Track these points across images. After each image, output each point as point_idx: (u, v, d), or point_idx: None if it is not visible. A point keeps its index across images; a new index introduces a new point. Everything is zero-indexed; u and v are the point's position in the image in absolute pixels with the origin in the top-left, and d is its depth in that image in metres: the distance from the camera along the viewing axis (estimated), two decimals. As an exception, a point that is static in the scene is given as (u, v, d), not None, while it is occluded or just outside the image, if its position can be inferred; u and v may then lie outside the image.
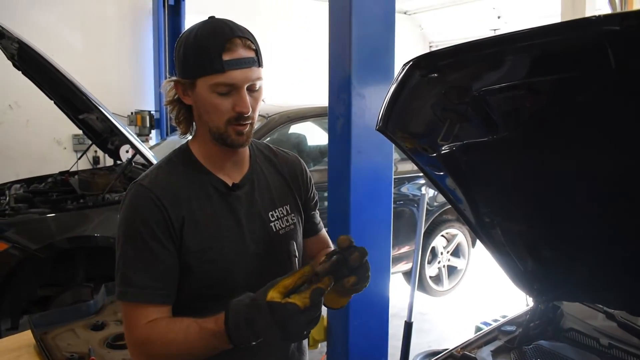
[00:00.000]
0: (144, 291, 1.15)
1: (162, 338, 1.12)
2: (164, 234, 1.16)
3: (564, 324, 1.68)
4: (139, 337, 1.14)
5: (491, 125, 1.18)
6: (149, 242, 1.16)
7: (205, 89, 1.16)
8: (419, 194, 4.40)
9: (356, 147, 2.45)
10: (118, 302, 1.20)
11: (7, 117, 5.95)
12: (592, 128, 1.12)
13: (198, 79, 1.16)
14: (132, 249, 1.17)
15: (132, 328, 1.15)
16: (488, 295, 4.68)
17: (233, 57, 1.14)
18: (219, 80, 1.14)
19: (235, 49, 1.14)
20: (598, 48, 0.89)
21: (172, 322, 1.15)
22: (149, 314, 1.14)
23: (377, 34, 2.46)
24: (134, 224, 1.18)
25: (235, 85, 1.15)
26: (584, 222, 1.38)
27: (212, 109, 1.18)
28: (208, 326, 1.07)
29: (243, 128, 1.20)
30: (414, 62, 1.12)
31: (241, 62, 1.14)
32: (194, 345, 1.10)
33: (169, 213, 1.17)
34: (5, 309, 3.08)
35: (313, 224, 1.48)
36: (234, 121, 1.18)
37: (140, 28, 6.80)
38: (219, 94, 1.16)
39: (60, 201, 3.59)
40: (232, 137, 1.20)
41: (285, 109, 4.20)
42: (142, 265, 1.16)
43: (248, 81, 1.16)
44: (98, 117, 3.92)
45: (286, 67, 7.07)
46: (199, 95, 1.18)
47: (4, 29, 3.22)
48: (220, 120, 1.18)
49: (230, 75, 1.14)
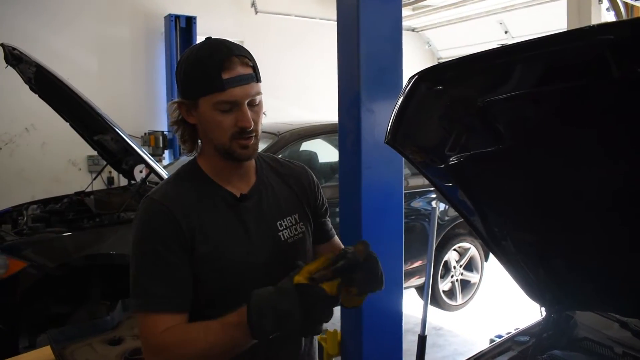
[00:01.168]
0: (160, 300, 1.17)
1: (180, 340, 1.13)
2: (177, 244, 1.20)
3: (577, 333, 1.67)
4: (156, 344, 1.16)
5: (497, 135, 1.20)
6: (163, 253, 1.19)
7: (207, 108, 1.21)
8: (430, 208, 4.40)
9: (366, 162, 2.47)
10: (135, 314, 1.22)
11: (24, 140, 6.05)
12: (599, 137, 1.13)
13: (200, 99, 1.21)
14: (146, 260, 1.20)
15: (150, 337, 1.17)
16: (502, 309, 4.65)
17: (232, 75, 1.19)
18: (220, 98, 1.19)
19: (233, 67, 1.19)
20: (599, 57, 0.91)
21: (189, 324, 1.17)
22: (165, 322, 1.16)
23: (384, 52, 2.50)
24: (147, 236, 1.21)
25: (236, 102, 1.20)
26: (594, 230, 1.38)
27: (215, 126, 1.22)
28: (229, 319, 1.10)
29: (247, 142, 1.24)
30: (419, 75, 1.15)
31: (240, 79, 1.19)
32: (213, 342, 1.11)
33: (180, 224, 1.21)
34: (23, 327, 3.12)
35: (325, 231, 1.51)
36: (237, 136, 1.23)
37: (153, 50, 6.91)
38: (222, 111, 1.20)
39: (77, 220, 3.65)
40: (237, 151, 1.24)
41: (295, 127, 4.24)
42: (157, 276, 1.19)
43: (248, 97, 1.21)
44: (112, 138, 3.99)
45: (297, 85, 7.15)
46: (202, 114, 1.23)
47: (22, 54, 3.31)
48: (224, 136, 1.23)
49: (231, 92, 1.19)
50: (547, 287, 1.62)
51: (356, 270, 1.10)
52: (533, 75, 1.07)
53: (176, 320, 1.18)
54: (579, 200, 1.33)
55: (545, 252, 1.55)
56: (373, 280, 1.15)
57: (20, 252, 3.09)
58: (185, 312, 1.21)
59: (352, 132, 2.48)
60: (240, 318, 1.07)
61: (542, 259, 1.56)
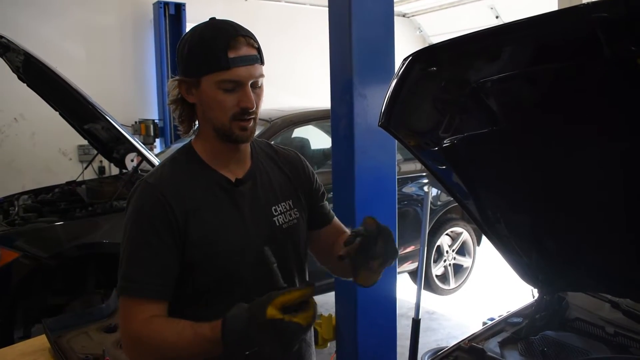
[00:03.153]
0: (141, 286, 1.18)
1: (155, 338, 1.14)
2: (166, 231, 1.20)
3: (569, 314, 1.69)
4: (133, 332, 1.17)
5: (491, 116, 1.20)
6: (151, 239, 1.19)
7: (210, 86, 1.20)
8: (422, 193, 4.42)
9: (359, 147, 2.47)
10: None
11: (13, 130, 5.99)
12: (593, 117, 1.14)
13: (203, 77, 1.20)
14: (133, 245, 1.21)
15: (128, 322, 1.18)
16: (495, 292, 4.69)
17: (238, 55, 1.18)
18: (224, 77, 1.18)
19: (239, 46, 1.19)
20: (591, 36, 0.91)
21: (166, 323, 1.17)
22: (145, 310, 1.17)
23: (377, 36, 2.49)
24: (137, 221, 1.22)
25: (240, 82, 1.19)
26: (587, 212, 1.40)
27: (217, 105, 1.22)
28: (203, 332, 1.09)
29: (247, 123, 1.24)
30: (413, 56, 1.15)
31: (245, 59, 1.19)
32: (184, 348, 1.12)
33: (172, 209, 1.21)
34: (18, 318, 3.11)
35: (324, 215, 1.51)
36: (238, 116, 1.22)
37: (142, 38, 6.84)
38: (225, 90, 1.20)
39: (69, 210, 3.62)
40: (236, 132, 1.24)
41: (287, 113, 4.23)
42: (141, 262, 1.19)
43: (252, 77, 1.21)
44: (103, 127, 3.95)
45: (288, 72, 7.11)
46: (203, 93, 1.22)
47: (9, 42, 3.26)
48: (224, 116, 1.22)
49: (236, 72, 1.18)
50: (540, 268, 1.63)
51: (375, 243, 1.14)
52: (526, 55, 1.07)
53: (157, 309, 1.18)
54: (572, 182, 1.34)
55: (539, 234, 1.56)
56: (391, 249, 1.19)
57: (12, 243, 3.07)
58: (165, 300, 1.21)
59: (345, 117, 2.48)
60: (213, 334, 1.07)
61: (535, 241, 1.57)
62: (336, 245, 1.41)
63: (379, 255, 1.17)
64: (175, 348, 1.13)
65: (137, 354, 1.20)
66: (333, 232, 1.51)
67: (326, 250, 1.48)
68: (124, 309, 1.20)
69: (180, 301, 1.26)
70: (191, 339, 1.11)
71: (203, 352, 1.12)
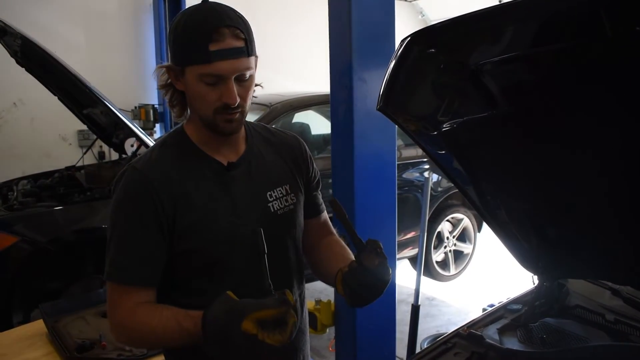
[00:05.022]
0: (128, 274, 1.17)
1: (140, 329, 1.16)
2: (152, 218, 1.18)
3: (569, 301, 1.68)
4: (120, 318, 1.18)
5: (490, 100, 1.18)
6: (136, 225, 1.18)
7: (193, 78, 1.16)
8: (422, 179, 4.40)
9: (359, 132, 2.45)
10: None
11: (12, 115, 5.96)
12: (593, 100, 1.12)
13: (186, 67, 1.16)
14: (118, 230, 1.19)
15: (115, 308, 1.19)
16: (495, 279, 4.69)
17: (220, 48, 1.12)
18: (205, 70, 1.13)
19: (222, 39, 1.12)
20: (594, 16, 0.89)
21: (152, 312, 1.16)
22: (132, 296, 1.17)
23: (377, 19, 2.46)
24: (123, 207, 1.20)
25: (222, 76, 1.14)
26: (588, 198, 1.38)
27: (199, 98, 1.18)
28: (187, 327, 1.10)
29: (232, 116, 1.20)
30: (411, 37, 1.12)
31: (228, 53, 1.12)
32: (169, 339, 1.16)
33: (159, 195, 1.18)
34: (17, 302, 3.11)
35: (314, 205, 1.47)
36: (221, 110, 1.18)
37: (141, 22, 6.79)
38: (207, 83, 1.15)
39: (68, 195, 3.61)
40: (221, 125, 1.20)
41: (287, 98, 4.20)
42: (128, 248, 1.18)
43: (236, 72, 1.15)
44: (102, 112, 3.93)
45: (287, 56, 7.05)
46: (188, 83, 1.18)
47: (6, 25, 3.23)
48: (208, 109, 1.18)
49: (217, 66, 1.12)
50: (540, 255, 1.62)
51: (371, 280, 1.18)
52: (528, 36, 1.04)
53: (143, 296, 1.19)
54: (573, 167, 1.32)
55: (539, 220, 1.55)
56: (379, 290, 1.21)
57: (11, 227, 3.07)
58: (151, 287, 1.20)
59: (344, 102, 2.45)
60: (196, 330, 1.08)
61: (536, 228, 1.56)
62: (331, 259, 1.38)
63: (368, 291, 1.19)
64: (159, 338, 1.16)
65: (124, 338, 1.23)
66: (319, 227, 1.49)
67: (308, 245, 1.46)
68: (111, 295, 1.21)
69: (174, 289, 1.25)
70: (175, 331, 1.12)
71: (187, 344, 1.13)
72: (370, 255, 1.17)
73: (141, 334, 1.17)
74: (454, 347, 1.50)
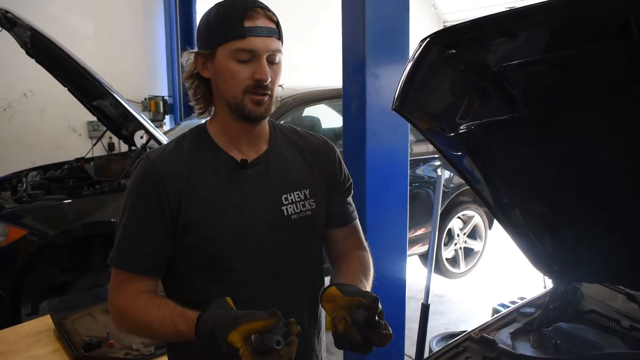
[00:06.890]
0: (132, 262, 1.19)
1: (137, 320, 1.17)
2: (156, 209, 1.18)
3: (584, 305, 1.65)
4: (120, 305, 1.20)
5: (511, 102, 1.15)
6: (142, 215, 1.19)
7: (225, 56, 1.17)
8: (434, 175, 4.36)
9: (371, 129, 2.43)
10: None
11: (22, 106, 5.99)
12: (615, 104, 1.09)
13: (219, 47, 1.17)
14: (126, 219, 1.20)
15: (116, 294, 1.21)
16: (505, 277, 4.66)
17: (254, 25, 1.15)
18: (239, 45, 1.15)
19: (257, 17, 1.16)
20: (621, 19, 0.85)
21: (150, 306, 1.17)
22: (133, 284, 1.19)
23: (391, 14, 2.43)
24: (132, 195, 1.21)
25: (255, 52, 1.16)
26: (605, 202, 1.35)
27: (230, 76, 1.18)
28: (181, 327, 1.11)
29: (261, 98, 1.19)
30: (431, 38, 1.09)
31: (262, 30, 1.16)
32: (164, 336, 1.18)
33: (165, 187, 1.18)
34: (25, 295, 3.12)
35: (344, 214, 1.41)
36: (252, 89, 1.18)
37: (152, 13, 6.78)
38: (239, 61, 1.16)
39: (77, 187, 3.62)
40: (248, 107, 1.19)
41: (298, 92, 4.17)
42: (131, 237, 1.20)
43: (268, 50, 1.16)
44: (112, 103, 3.92)
45: (301, 50, 7.01)
46: (218, 64, 1.18)
47: (15, 17, 3.22)
48: (237, 88, 1.18)
49: (251, 41, 1.15)
50: (555, 258, 1.60)
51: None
52: (552, 39, 1.01)
53: (146, 285, 1.20)
54: (594, 171, 1.29)
55: (555, 223, 1.52)
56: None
57: (19, 220, 3.08)
58: (152, 277, 1.22)
59: (357, 98, 2.42)
60: (189, 332, 1.08)
61: (552, 230, 1.53)
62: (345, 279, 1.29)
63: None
64: (155, 332, 1.17)
65: (121, 325, 1.23)
66: (347, 239, 1.42)
67: (334, 257, 1.42)
68: (113, 280, 1.22)
69: (178, 284, 1.26)
70: (170, 329, 1.13)
71: (179, 340, 1.16)
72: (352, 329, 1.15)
73: (137, 325, 1.19)
74: (465, 350, 1.48)
